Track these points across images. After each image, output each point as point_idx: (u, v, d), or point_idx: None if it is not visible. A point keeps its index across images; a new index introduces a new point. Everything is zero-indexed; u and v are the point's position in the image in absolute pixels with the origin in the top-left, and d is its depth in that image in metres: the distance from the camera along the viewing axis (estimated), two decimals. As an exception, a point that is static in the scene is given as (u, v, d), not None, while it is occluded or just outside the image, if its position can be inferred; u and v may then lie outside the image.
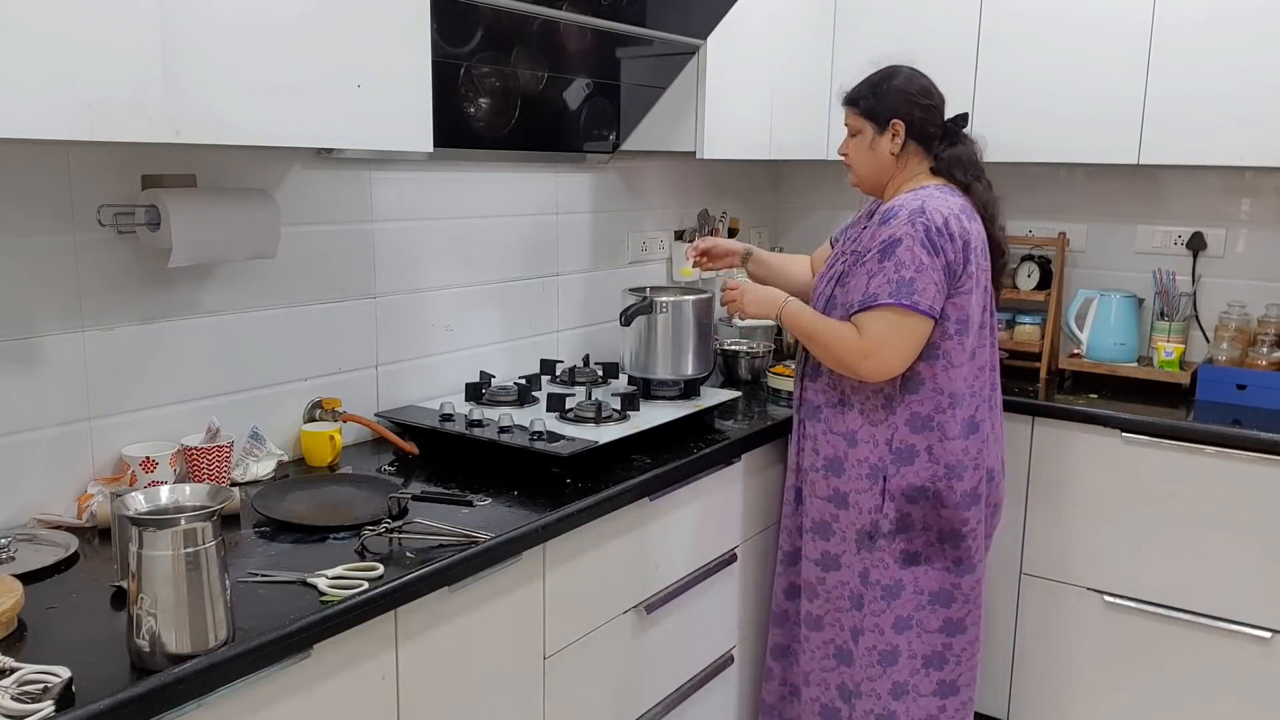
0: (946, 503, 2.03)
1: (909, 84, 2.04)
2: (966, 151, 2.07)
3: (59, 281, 1.64)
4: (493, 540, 1.60)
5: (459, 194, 2.34)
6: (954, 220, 1.94)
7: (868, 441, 2.05)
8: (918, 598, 2.08)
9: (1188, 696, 2.50)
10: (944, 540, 2.07)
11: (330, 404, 2.05)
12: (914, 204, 1.96)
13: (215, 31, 1.40)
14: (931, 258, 1.91)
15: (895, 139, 2.04)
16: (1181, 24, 2.53)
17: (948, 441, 2.01)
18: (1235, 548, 2.41)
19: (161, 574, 1.18)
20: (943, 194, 2.00)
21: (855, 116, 2.08)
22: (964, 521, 2.05)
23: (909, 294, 1.91)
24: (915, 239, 1.91)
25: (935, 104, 2.07)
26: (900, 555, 2.06)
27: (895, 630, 2.09)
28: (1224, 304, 2.82)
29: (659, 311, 2.37)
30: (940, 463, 2.02)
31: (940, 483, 2.03)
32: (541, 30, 2.12)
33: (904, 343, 1.94)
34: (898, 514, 2.04)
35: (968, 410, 2.03)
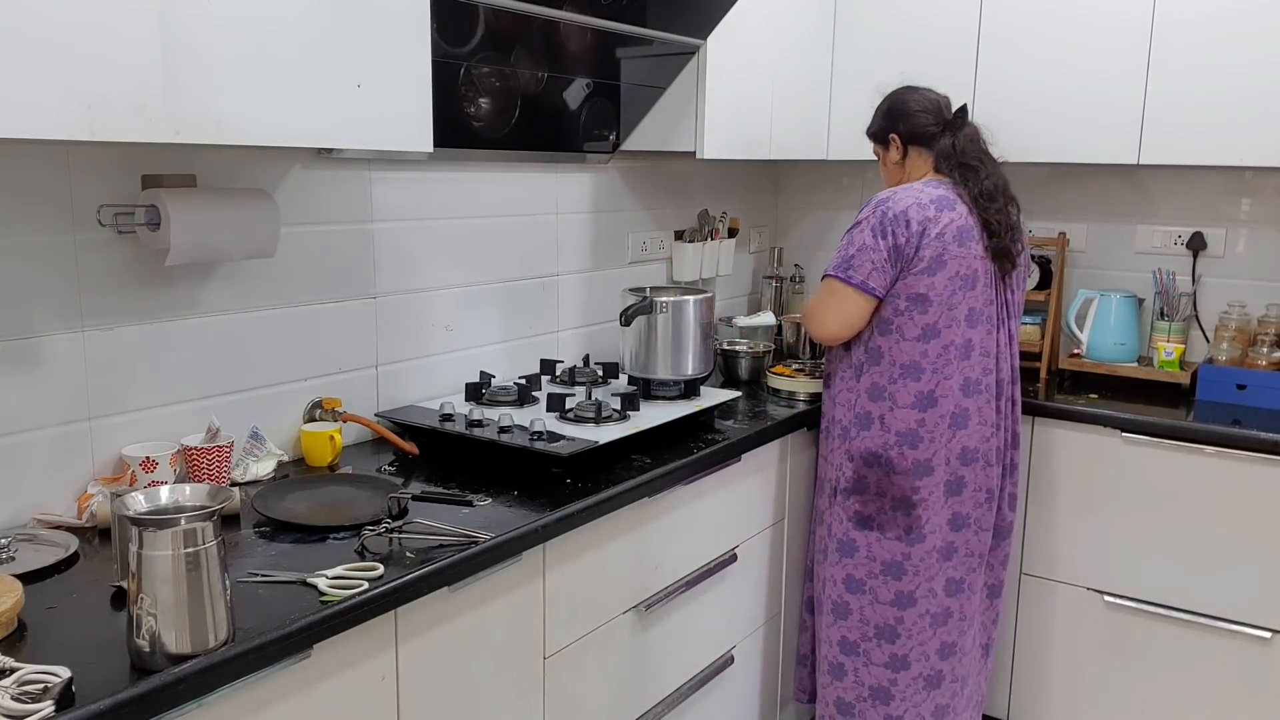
0: (897, 469, 2.18)
1: (896, 98, 2.30)
2: (952, 143, 2.22)
3: (59, 281, 1.64)
4: (493, 540, 1.60)
5: (459, 194, 2.34)
6: (916, 209, 2.11)
7: (842, 405, 2.27)
8: (869, 564, 2.24)
9: (1188, 696, 2.50)
10: (896, 508, 2.20)
11: (330, 404, 2.05)
12: (885, 194, 2.17)
13: (215, 31, 1.41)
14: (877, 240, 2.11)
15: (895, 148, 2.30)
16: (1181, 24, 2.53)
17: (898, 410, 2.17)
18: (1235, 548, 2.41)
19: (161, 574, 1.18)
20: (924, 187, 2.18)
21: (874, 145, 2.37)
22: (914, 489, 2.18)
23: (845, 269, 2.15)
24: (870, 223, 2.13)
25: (924, 108, 2.25)
26: (854, 516, 2.24)
27: (847, 588, 2.27)
28: (1224, 304, 2.82)
29: (659, 311, 2.37)
30: (891, 430, 2.18)
31: (892, 450, 2.18)
32: (541, 30, 2.12)
33: (837, 311, 2.18)
34: (854, 474, 2.23)
35: (925, 384, 2.16)
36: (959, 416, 2.18)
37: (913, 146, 2.27)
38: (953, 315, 2.14)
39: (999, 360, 2.24)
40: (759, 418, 2.41)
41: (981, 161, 2.21)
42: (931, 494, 2.19)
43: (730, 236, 3.20)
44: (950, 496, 2.22)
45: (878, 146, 2.36)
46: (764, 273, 3.44)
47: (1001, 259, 2.18)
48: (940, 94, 2.29)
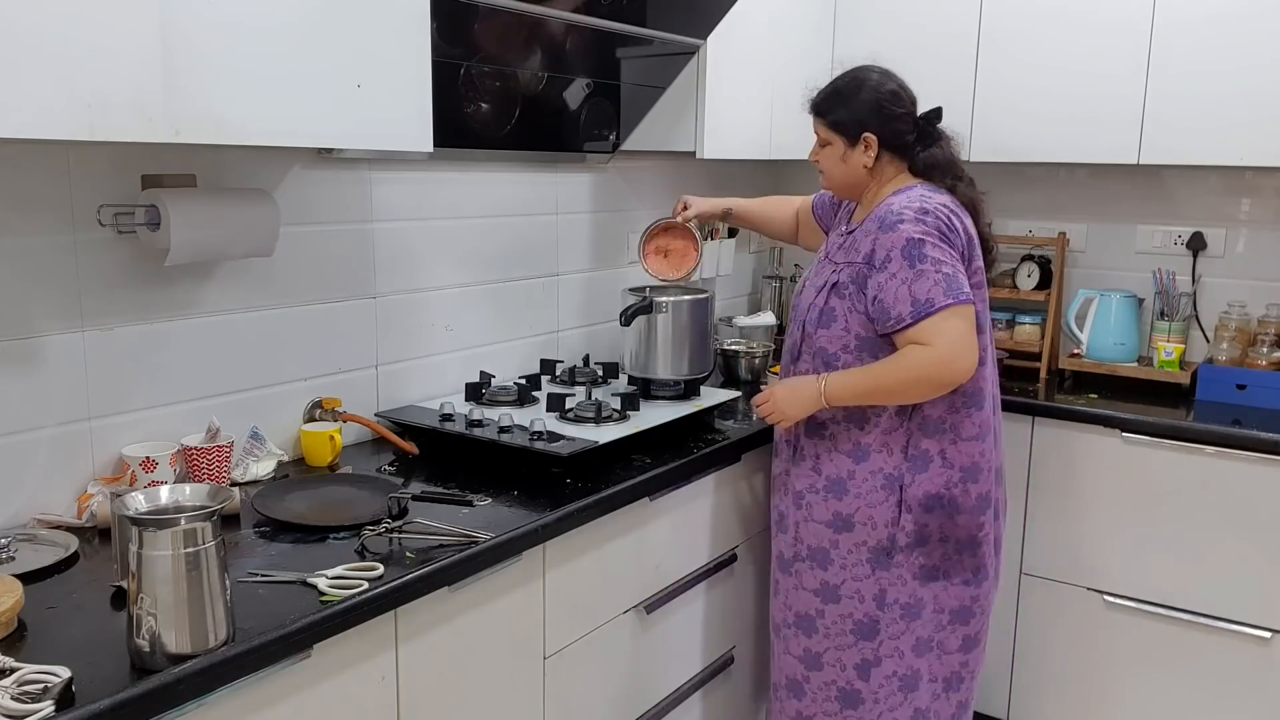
0: (961, 508, 1.95)
1: (878, 92, 1.96)
2: (943, 153, 1.99)
3: (59, 281, 1.64)
4: (493, 540, 1.60)
5: (459, 194, 2.34)
6: (954, 216, 1.91)
7: (881, 451, 1.94)
8: (938, 617, 1.99)
9: (1188, 696, 2.50)
10: (962, 550, 1.98)
11: (330, 404, 2.05)
12: (914, 204, 1.89)
13: (215, 31, 1.41)
14: (946, 249, 1.86)
15: (868, 152, 1.97)
16: (1182, 24, 2.53)
17: (961, 443, 1.93)
18: (1235, 548, 2.41)
19: (161, 574, 1.18)
20: (932, 192, 1.95)
21: (824, 128, 2.01)
22: (979, 526, 1.97)
23: (959, 290, 1.84)
24: (934, 236, 1.85)
25: (907, 110, 1.98)
26: (919, 570, 1.96)
27: (915, 653, 1.99)
28: (1224, 304, 2.82)
29: (659, 311, 2.37)
30: (955, 466, 1.94)
31: (955, 488, 1.94)
32: (542, 30, 2.11)
33: (974, 336, 1.87)
34: (915, 526, 1.94)
35: (986, 413, 1.96)
36: (996, 438, 2.02)
37: (887, 152, 1.98)
38: (988, 330, 1.98)
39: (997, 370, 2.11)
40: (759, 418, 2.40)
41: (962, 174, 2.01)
42: (992, 528, 2.01)
43: (730, 236, 3.20)
44: (997, 521, 2.06)
45: (834, 136, 1.99)
46: (764, 273, 3.44)
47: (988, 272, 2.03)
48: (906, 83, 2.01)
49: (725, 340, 2.87)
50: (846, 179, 2.02)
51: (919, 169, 1.99)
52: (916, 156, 1.99)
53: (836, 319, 1.97)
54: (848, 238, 2.02)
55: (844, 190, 2.07)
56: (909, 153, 1.99)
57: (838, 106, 1.99)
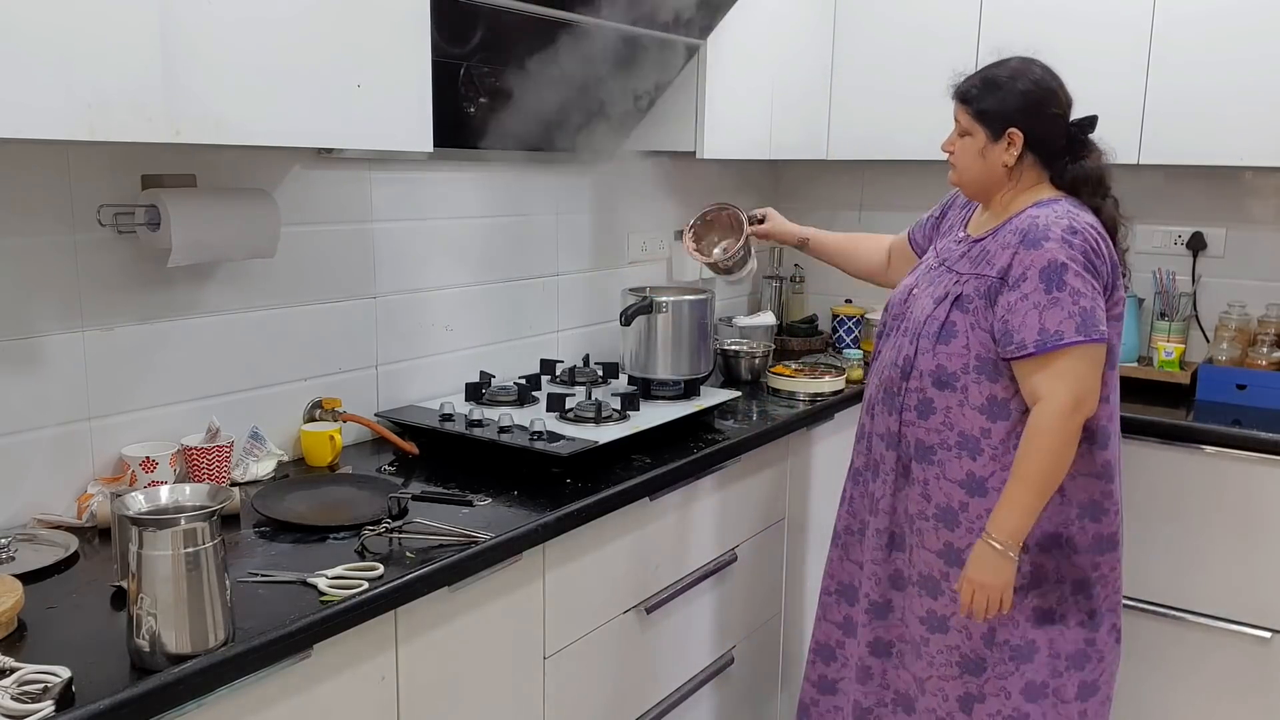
0: (1078, 548, 1.82)
1: (1033, 86, 1.80)
2: (1093, 166, 1.83)
3: (59, 281, 1.64)
4: (493, 540, 1.60)
5: (459, 194, 2.34)
6: (1103, 240, 1.76)
7: (999, 489, 1.78)
8: (1054, 662, 1.85)
9: (1188, 696, 2.50)
10: (1077, 592, 1.84)
11: (330, 404, 2.05)
12: (1061, 221, 1.73)
13: (215, 31, 1.41)
14: (1094, 281, 1.71)
15: (1010, 150, 1.81)
16: (1182, 25, 2.53)
17: (1080, 479, 1.80)
18: (1235, 548, 2.41)
19: (161, 574, 1.18)
20: (1080, 210, 1.79)
21: (966, 116, 1.84)
22: (1095, 566, 1.84)
23: (1094, 327, 1.69)
24: (1079, 262, 1.70)
25: (1061, 113, 1.82)
26: (1033, 613, 1.83)
27: (1026, 697, 1.85)
28: (1224, 304, 2.82)
29: (659, 311, 2.37)
30: (1072, 503, 1.81)
31: (1072, 526, 1.81)
32: (541, 30, 2.11)
33: (1098, 378, 1.74)
34: (1031, 566, 1.80)
35: (1110, 452, 1.82)
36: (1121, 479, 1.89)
37: (1031, 154, 1.82)
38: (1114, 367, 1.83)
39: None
40: (759, 418, 2.41)
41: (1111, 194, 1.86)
42: (1113, 569, 1.87)
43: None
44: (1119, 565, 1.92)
45: (976, 127, 1.83)
46: (764, 273, 3.44)
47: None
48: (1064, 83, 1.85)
49: (725, 340, 2.87)
50: (982, 176, 1.86)
51: (1064, 181, 1.84)
52: (1064, 167, 1.83)
53: (957, 335, 1.82)
54: (974, 246, 1.87)
55: (974, 189, 1.90)
56: (1055, 161, 1.84)
57: (987, 95, 1.82)
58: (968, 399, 1.81)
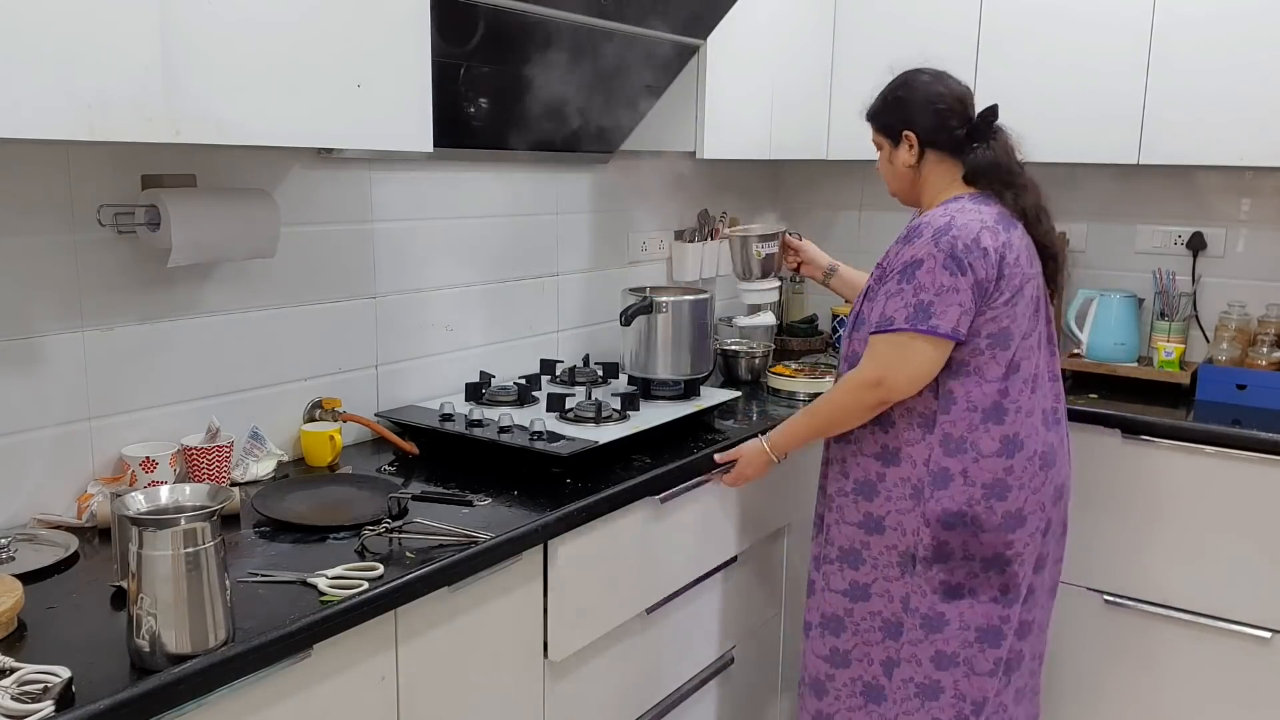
0: (985, 526, 1.89)
1: (920, 90, 1.95)
2: (993, 155, 1.92)
3: (59, 281, 1.64)
4: (493, 540, 1.60)
5: (459, 194, 2.34)
6: (987, 233, 1.82)
7: (908, 459, 1.92)
8: (963, 633, 1.93)
9: (1188, 696, 2.50)
10: (989, 568, 1.92)
11: (330, 404, 2.05)
12: (940, 220, 1.85)
13: (215, 31, 1.41)
14: (955, 277, 1.80)
15: (910, 150, 1.95)
16: (1182, 24, 2.53)
17: (983, 460, 1.88)
18: (1235, 548, 2.41)
19: (161, 574, 1.18)
20: (975, 204, 1.89)
21: (874, 132, 2.03)
22: (1008, 545, 1.90)
23: (926, 318, 1.81)
24: (938, 260, 1.81)
25: (949, 107, 1.93)
26: (940, 586, 1.92)
27: (936, 665, 1.94)
28: (1224, 304, 2.82)
29: (659, 311, 2.37)
30: (976, 484, 1.88)
31: (978, 505, 1.88)
32: (542, 30, 2.11)
33: (915, 367, 1.85)
34: (933, 540, 1.90)
35: (1010, 427, 1.88)
36: (1047, 455, 1.93)
37: (932, 150, 1.94)
38: (1028, 345, 1.90)
39: (1061, 380, 2.04)
40: (759, 418, 2.41)
41: (1024, 176, 1.94)
42: (1026, 546, 1.93)
43: (730, 236, 3.20)
44: (1040, 540, 1.98)
45: (882, 139, 2.01)
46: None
47: (1052, 279, 1.99)
48: (962, 84, 1.98)
49: (725, 340, 2.87)
50: (896, 182, 2.03)
51: (971, 173, 1.94)
52: (968, 160, 1.94)
53: (864, 322, 1.97)
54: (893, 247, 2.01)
55: (901, 196, 2.06)
56: (960, 153, 1.94)
57: (882, 110, 2.00)
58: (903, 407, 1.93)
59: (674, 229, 3.05)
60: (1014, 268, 1.85)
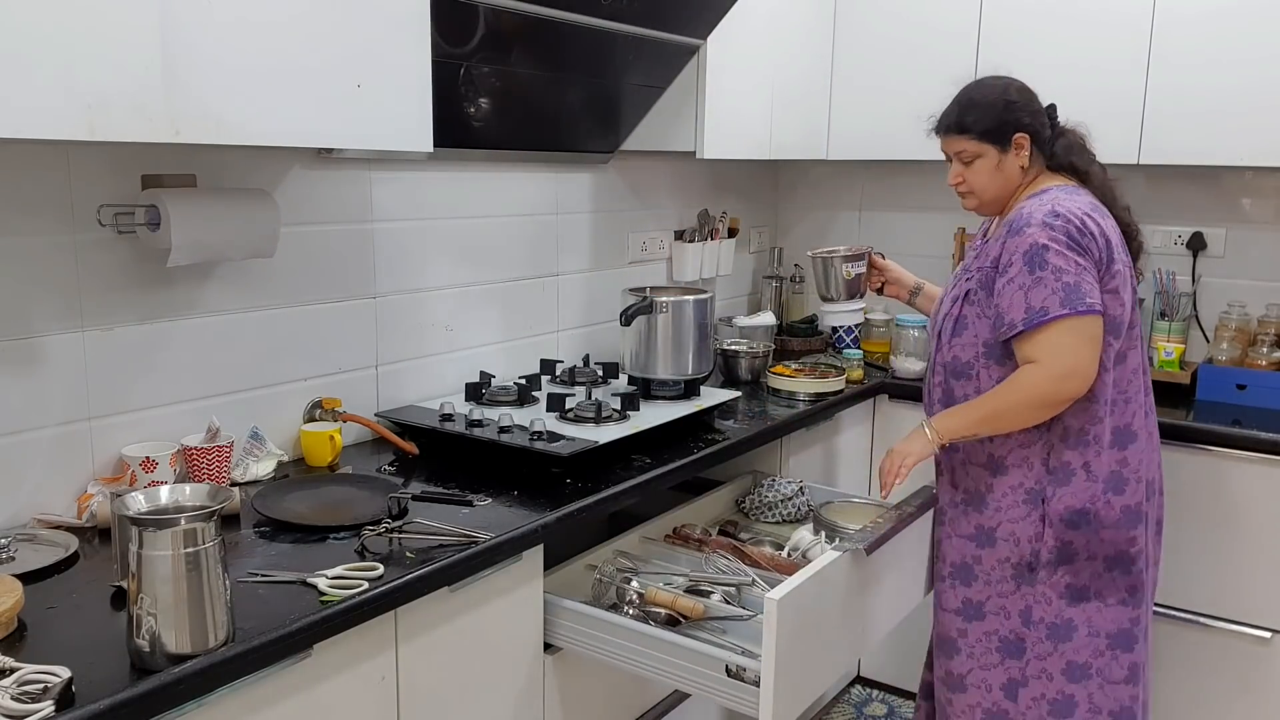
0: (1106, 522, 1.85)
1: (1015, 93, 1.93)
2: (1075, 140, 1.96)
3: (59, 281, 1.64)
4: (493, 540, 1.60)
5: (459, 194, 2.34)
6: (1089, 219, 1.82)
7: (1020, 465, 1.88)
8: (1094, 641, 1.87)
9: (1188, 696, 2.50)
10: (1112, 567, 1.86)
11: (330, 404, 2.05)
12: (1044, 208, 1.83)
13: (215, 31, 1.41)
14: (1080, 256, 1.78)
15: (1021, 152, 1.91)
16: (1182, 24, 2.53)
17: (1104, 452, 1.84)
18: (1235, 548, 2.41)
19: (161, 574, 1.18)
20: (1068, 194, 1.88)
21: (971, 141, 1.93)
22: (1131, 541, 1.85)
23: (1080, 299, 1.76)
24: (1060, 243, 1.78)
25: (1042, 106, 1.95)
26: (1066, 590, 1.87)
27: (1068, 678, 1.88)
28: (1224, 304, 2.82)
29: (659, 311, 2.37)
30: (1098, 478, 1.84)
31: (1098, 501, 1.84)
32: (541, 30, 2.11)
33: (1093, 349, 1.80)
34: (1057, 541, 1.85)
35: (1121, 418, 1.86)
36: (1148, 450, 1.91)
37: (1037, 149, 1.93)
38: (1133, 335, 1.88)
39: (1149, 378, 1.97)
40: (759, 418, 2.41)
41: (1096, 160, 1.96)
42: (1146, 543, 1.88)
43: (730, 236, 3.20)
44: (1156, 538, 1.95)
45: (985, 147, 1.92)
46: (764, 273, 3.44)
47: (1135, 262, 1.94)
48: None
49: (725, 340, 2.87)
50: (1004, 189, 1.95)
51: (1058, 159, 1.94)
52: (1054, 147, 1.94)
53: (968, 327, 1.93)
54: (981, 246, 1.99)
55: (997, 205, 1.98)
56: (1048, 146, 1.94)
57: (981, 116, 1.92)
58: (981, 385, 1.91)
59: (674, 229, 3.05)
60: (1119, 252, 1.84)
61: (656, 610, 1.78)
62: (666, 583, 1.85)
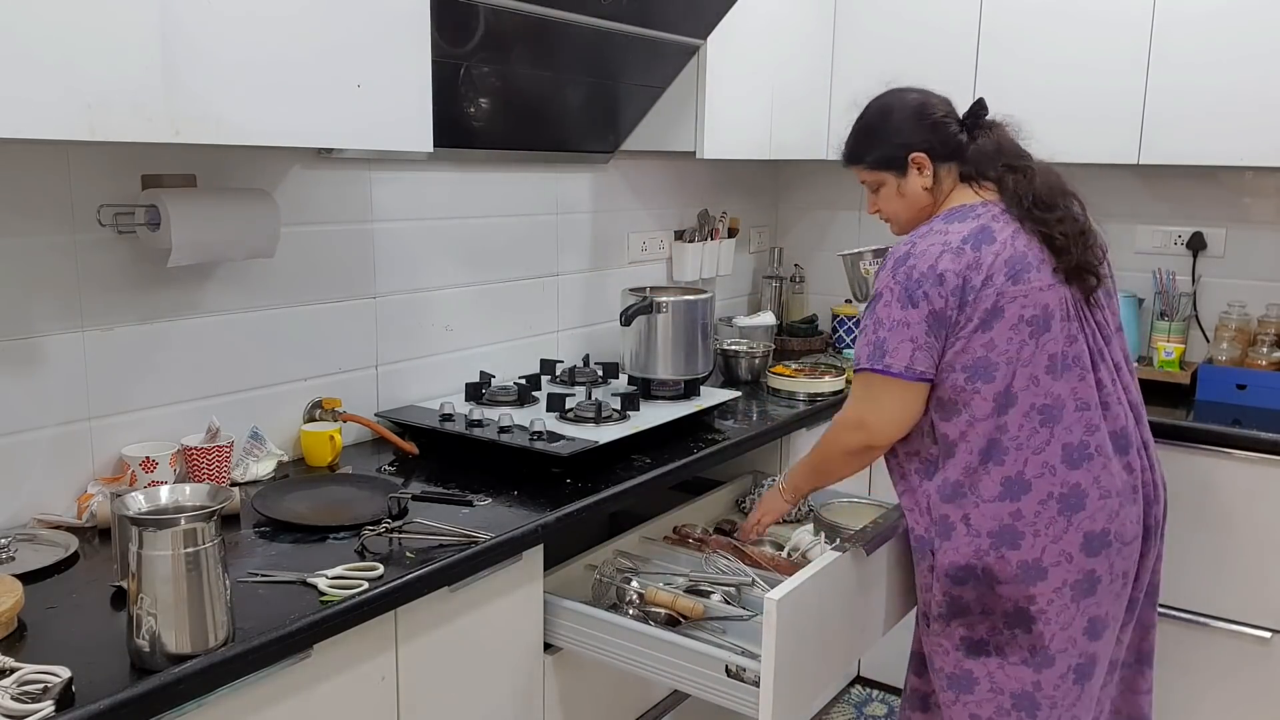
0: (1001, 577, 1.69)
1: (908, 109, 1.82)
2: (991, 143, 1.80)
3: (59, 281, 1.64)
4: (493, 540, 1.60)
5: (459, 194, 2.34)
6: (948, 257, 1.66)
7: (911, 510, 1.80)
8: (997, 698, 1.73)
9: (1188, 696, 2.50)
10: (1012, 625, 1.71)
11: (330, 404, 2.05)
12: (902, 249, 1.72)
13: (215, 31, 1.41)
14: (906, 310, 1.67)
15: (924, 172, 1.79)
16: (1182, 24, 2.53)
17: (984, 505, 1.69)
18: (1235, 548, 2.41)
19: (161, 574, 1.18)
20: (945, 224, 1.73)
21: (868, 172, 1.85)
22: (1029, 599, 1.68)
23: (881, 357, 1.69)
24: (894, 293, 1.69)
25: (944, 113, 1.82)
26: (961, 642, 1.75)
27: None
28: (1224, 304, 2.82)
29: (659, 311, 2.37)
30: (981, 532, 1.70)
31: (987, 556, 1.69)
32: (541, 30, 2.11)
33: (887, 408, 1.71)
34: (945, 596, 1.74)
35: (1011, 467, 1.68)
36: (1069, 498, 1.68)
37: (940, 164, 1.79)
38: (1028, 372, 1.67)
39: (1108, 406, 1.73)
40: (759, 418, 2.41)
41: (1028, 160, 1.80)
42: (1053, 602, 1.69)
43: (730, 236, 3.20)
44: (1083, 599, 1.71)
45: (882, 175, 1.83)
46: (764, 273, 3.44)
47: (1079, 277, 1.72)
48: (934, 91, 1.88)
49: (725, 340, 2.87)
50: (912, 211, 1.84)
51: (969, 170, 1.80)
52: (969, 160, 1.80)
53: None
54: None
55: (915, 224, 1.84)
56: (962, 154, 1.81)
57: (873, 144, 1.84)
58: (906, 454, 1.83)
59: (674, 229, 3.05)
60: (983, 290, 1.65)
61: (656, 610, 1.78)
62: (666, 583, 1.85)
